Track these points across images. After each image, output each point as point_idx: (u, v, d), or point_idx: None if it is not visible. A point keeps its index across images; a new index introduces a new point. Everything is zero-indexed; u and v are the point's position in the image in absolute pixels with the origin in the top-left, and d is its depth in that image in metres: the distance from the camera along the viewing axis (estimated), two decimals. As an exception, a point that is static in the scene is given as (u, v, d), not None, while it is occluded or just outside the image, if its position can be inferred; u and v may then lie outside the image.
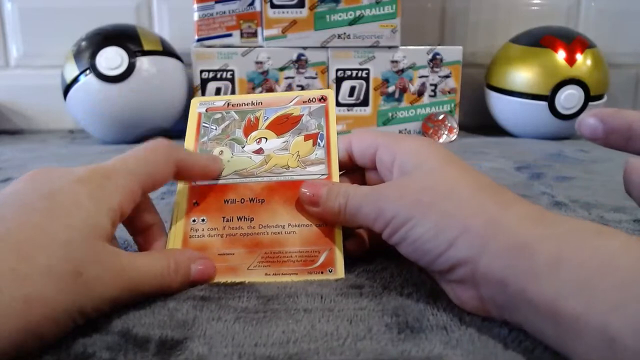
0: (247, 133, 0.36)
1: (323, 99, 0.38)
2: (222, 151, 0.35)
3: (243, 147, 0.36)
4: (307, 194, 0.32)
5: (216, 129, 0.37)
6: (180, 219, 0.33)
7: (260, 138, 0.36)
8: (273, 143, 0.36)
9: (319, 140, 0.36)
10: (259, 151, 0.36)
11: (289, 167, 0.35)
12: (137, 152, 0.30)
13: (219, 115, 0.37)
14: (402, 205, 0.27)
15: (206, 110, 0.38)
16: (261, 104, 0.38)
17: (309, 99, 0.38)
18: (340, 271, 0.32)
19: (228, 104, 0.38)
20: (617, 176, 0.59)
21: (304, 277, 0.31)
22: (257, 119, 0.37)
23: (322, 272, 0.32)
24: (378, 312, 0.27)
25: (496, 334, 0.24)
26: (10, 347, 0.21)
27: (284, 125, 0.37)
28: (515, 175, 0.60)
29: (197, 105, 0.38)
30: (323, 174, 0.35)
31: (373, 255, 0.34)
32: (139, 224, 0.32)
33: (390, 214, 0.28)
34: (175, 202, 0.34)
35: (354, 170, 0.35)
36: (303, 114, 0.37)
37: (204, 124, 0.37)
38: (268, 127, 0.37)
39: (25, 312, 0.22)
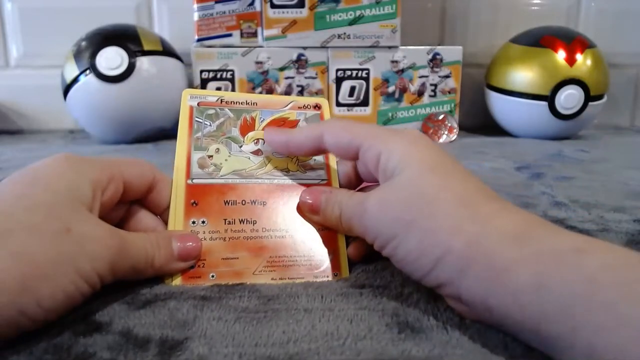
0: (243, 133, 0.36)
1: (317, 106, 0.38)
2: (218, 149, 0.35)
3: (240, 147, 0.35)
4: (308, 201, 0.32)
5: (210, 125, 0.35)
6: (178, 220, 0.32)
7: (257, 139, 0.36)
8: None
9: None
10: (258, 152, 0.35)
11: (288, 170, 0.35)
12: (120, 158, 0.31)
13: (212, 111, 0.36)
14: (384, 223, 0.27)
15: (198, 105, 0.36)
16: (256, 104, 0.37)
17: (304, 105, 0.37)
18: (345, 274, 0.32)
19: (221, 100, 0.37)
20: (617, 176, 0.59)
21: (305, 280, 0.31)
22: (254, 120, 0.36)
23: (327, 277, 0.32)
24: (378, 312, 0.27)
25: (496, 334, 0.24)
26: (8, 303, 0.21)
27: (281, 128, 0.36)
28: (515, 175, 0.60)
29: (188, 98, 0.36)
30: (323, 179, 0.35)
31: (373, 255, 0.34)
32: (140, 228, 0.32)
33: (373, 233, 0.28)
34: (177, 197, 0.33)
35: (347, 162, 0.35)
36: (299, 119, 0.37)
37: (197, 119, 0.36)
38: (265, 129, 0.36)
39: (13, 266, 0.22)
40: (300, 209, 0.33)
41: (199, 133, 0.35)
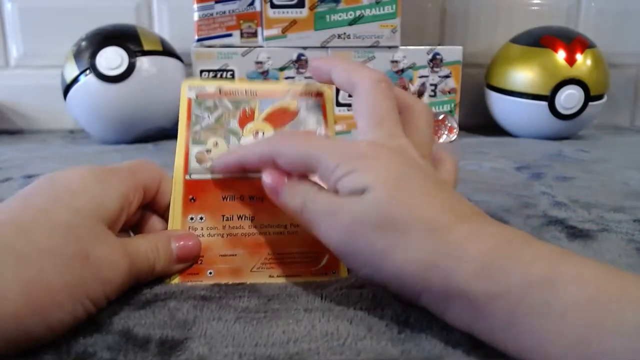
0: (242, 124, 0.35)
1: (319, 94, 0.36)
2: (216, 142, 0.34)
3: (239, 140, 0.34)
4: (267, 183, 0.29)
5: (209, 118, 0.35)
6: (177, 217, 0.32)
7: (257, 131, 0.35)
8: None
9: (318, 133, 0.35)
10: None
11: None
12: (129, 162, 0.31)
13: (211, 103, 0.35)
14: (356, 247, 0.25)
15: (196, 96, 0.35)
16: (256, 94, 0.36)
17: (305, 92, 0.36)
18: (343, 273, 0.32)
19: (220, 90, 0.36)
20: (617, 176, 0.59)
21: (307, 278, 0.31)
22: (253, 111, 0.35)
23: (325, 274, 0.32)
24: (378, 312, 0.27)
25: (496, 334, 0.24)
26: (15, 327, 0.21)
27: (281, 118, 0.35)
28: (515, 175, 0.60)
29: (187, 90, 0.36)
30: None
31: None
32: (147, 231, 0.32)
33: (341, 251, 0.26)
34: (176, 192, 0.32)
35: None
36: (300, 109, 0.36)
37: (195, 112, 0.35)
38: (265, 120, 0.35)
39: (26, 293, 0.21)
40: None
41: (197, 126, 0.34)
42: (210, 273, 0.31)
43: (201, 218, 0.32)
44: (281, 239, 0.32)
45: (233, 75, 0.80)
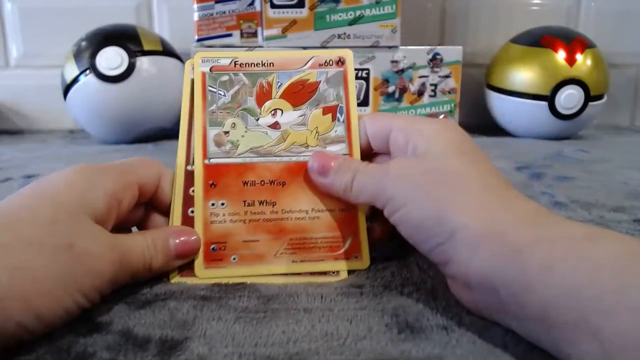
0: (260, 102, 0.33)
1: (341, 61, 0.35)
2: (234, 124, 0.33)
3: (257, 120, 0.33)
4: (316, 165, 0.31)
5: (225, 95, 0.33)
6: (198, 202, 0.31)
7: (275, 110, 0.33)
8: (289, 116, 0.33)
9: (338, 115, 0.34)
10: (275, 125, 0.33)
11: (308, 145, 0.33)
12: (127, 159, 0.31)
13: (226, 78, 0.33)
14: (401, 187, 0.27)
15: (210, 70, 0.33)
16: (273, 65, 0.34)
17: (325, 62, 0.35)
18: (365, 257, 0.31)
19: (235, 62, 0.34)
20: (617, 176, 0.59)
21: (330, 263, 0.31)
22: (270, 85, 0.34)
23: (348, 259, 0.31)
24: (378, 312, 0.27)
25: (496, 334, 0.24)
26: (3, 315, 0.21)
27: (299, 94, 0.34)
28: (515, 175, 0.60)
29: (200, 63, 0.33)
30: (344, 154, 0.33)
31: (373, 255, 0.34)
32: (150, 228, 0.32)
33: (387, 194, 0.28)
34: (177, 185, 0.32)
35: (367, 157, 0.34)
36: (320, 81, 0.34)
37: (210, 88, 0.33)
38: (283, 97, 0.34)
39: (10, 280, 0.21)
40: (309, 172, 0.32)
41: (213, 105, 0.33)
42: (234, 259, 0.31)
43: (222, 204, 0.31)
44: (302, 224, 0.32)
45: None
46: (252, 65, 0.34)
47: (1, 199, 0.26)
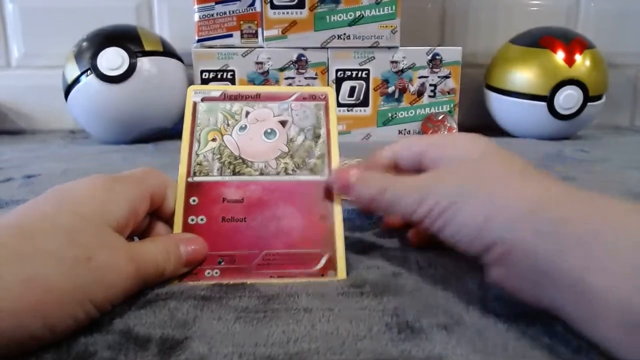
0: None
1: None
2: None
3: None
4: (338, 180, 0.33)
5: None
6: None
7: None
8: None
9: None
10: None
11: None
12: (136, 170, 0.31)
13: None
14: (445, 190, 0.28)
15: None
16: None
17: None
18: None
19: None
20: (617, 176, 0.59)
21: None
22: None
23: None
24: (378, 312, 0.27)
25: (496, 334, 0.24)
26: (14, 326, 0.21)
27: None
28: (515, 176, 0.60)
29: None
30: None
31: (373, 255, 0.34)
32: (154, 235, 0.32)
33: (433, 200, 0.28)
34: (176, 204, 0.33)
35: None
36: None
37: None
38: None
39: (24, 292, 0.21)
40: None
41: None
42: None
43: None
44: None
45: (233, 76, 0.80)
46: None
47: (1, 199, 0.26)
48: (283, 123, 0.36)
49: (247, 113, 0.36)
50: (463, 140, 0.31)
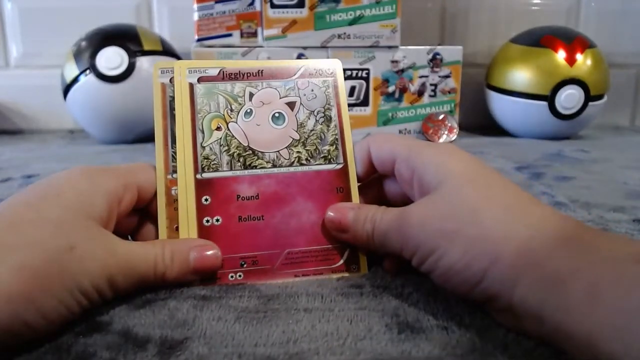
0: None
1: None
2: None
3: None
4: (335, 219, 0.31)
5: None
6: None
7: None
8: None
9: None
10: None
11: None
12: (127, 164, 0.31)
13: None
14: (426, 235, 0.26)
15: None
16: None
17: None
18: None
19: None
20: (617, 176, 0.59)
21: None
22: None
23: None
24: (378, 312, 0.27)
25: (496, 334, 0.24)
26: (9, 313, 0.21)
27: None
28: (515, 175, 0.60)
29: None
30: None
31: (373, 255, 0.34)
32: (143, 237, 0.32)
33: (413, 244, 0.27)
34: (179, 200, 0.31)
35: (371, 182, 0.34)
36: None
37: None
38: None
39: (16, 279, 0.22)
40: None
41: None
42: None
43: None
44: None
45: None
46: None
47: (1, 199, 0.26)
48: (291, 105, 0.33)
49: (251, 95, 0.33)
50: (431, 159, 0.28)
